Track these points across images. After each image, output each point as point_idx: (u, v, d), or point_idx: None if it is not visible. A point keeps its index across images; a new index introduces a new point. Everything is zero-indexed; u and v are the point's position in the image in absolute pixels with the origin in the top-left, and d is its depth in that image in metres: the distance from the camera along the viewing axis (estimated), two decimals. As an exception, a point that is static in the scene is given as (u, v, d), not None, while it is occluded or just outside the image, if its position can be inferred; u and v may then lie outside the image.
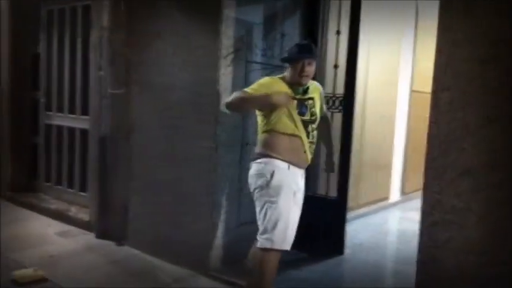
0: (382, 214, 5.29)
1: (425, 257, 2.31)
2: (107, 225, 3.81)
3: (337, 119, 3.73)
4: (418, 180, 6.92)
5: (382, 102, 5.33)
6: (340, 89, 3.70)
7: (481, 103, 2.11)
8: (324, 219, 3.81)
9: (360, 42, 3.59)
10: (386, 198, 5.77)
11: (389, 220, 5.18)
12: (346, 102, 3.67)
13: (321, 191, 3.89)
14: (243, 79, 3.25)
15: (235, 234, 3.33)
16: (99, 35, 3.80)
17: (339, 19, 3.69)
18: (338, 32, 3.71)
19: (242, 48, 3.21)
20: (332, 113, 3.77)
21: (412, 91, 6.02)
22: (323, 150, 3.75)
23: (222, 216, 3.24)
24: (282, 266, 3.39)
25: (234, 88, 3.18)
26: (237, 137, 3.28)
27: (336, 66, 3.74)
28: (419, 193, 6.17)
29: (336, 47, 3.73)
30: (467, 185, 2.16)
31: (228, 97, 2.75)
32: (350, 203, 3.94)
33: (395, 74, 5.61)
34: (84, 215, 4.17)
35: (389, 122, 5.63)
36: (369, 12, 3.95)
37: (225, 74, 3.10)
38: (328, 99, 3.76)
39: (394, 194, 5.96)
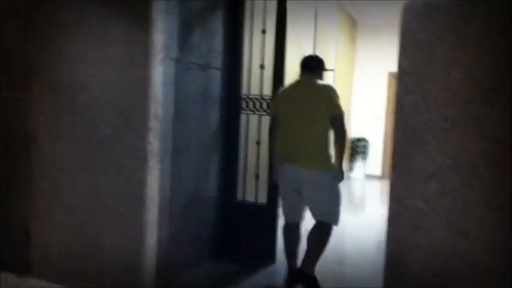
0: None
1: (392, 262, 2.26)
2: (5, 255, 3.17)
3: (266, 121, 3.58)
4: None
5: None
6: (267, 91, 3.56)
7: (445, 105, 2.11)
8: (254, 227, 3.64)
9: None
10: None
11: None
12: (275, 104, 3.53)
13: (250, 197, 3.70)
14: (173, 79, 2.91)
15: (167, 250, 2.99)
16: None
17: (264, 17, 3.54)
18: (264, 31, 3.56)
19: (172, 45, 2.87)
20: (260, 116, 3.61)
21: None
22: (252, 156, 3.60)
23: (153, 234, 2.87)
24: (216, 283, 3.17)
25: (167, 90, 2.84)
26: (169, 145, 2.94)
27: (262, 67, 3.59)
28: None
29: (261, 47, 3.58)
30: (434, 188, 2.15)
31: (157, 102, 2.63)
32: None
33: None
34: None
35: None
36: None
37: (157, 74, 2.74)
38: (255, 102, 3.60)
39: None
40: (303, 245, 3.13)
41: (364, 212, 6.29)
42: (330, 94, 2.92)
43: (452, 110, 2.10)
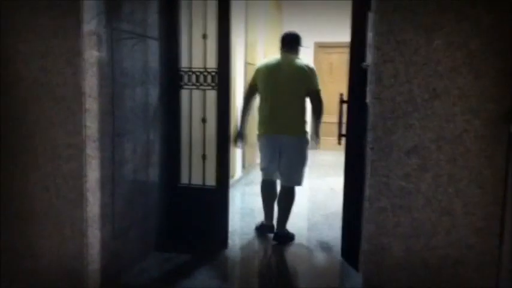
0: (231, 193, 5.07)
1: (372, 246, 2.12)
2: None
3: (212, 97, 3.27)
4: (254, 153, 6.91)
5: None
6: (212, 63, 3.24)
7: (427, 75, 1.96)
8: (202, 212, 3.36)
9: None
10: (232, 175, 5.58)
11: (244, 198, 4.99)
12: (221, 77, 3.22)
13: (197, 180, 3.40)
14: (109, 51, 2.49)
15: (112, 247, 2.63)
16: None
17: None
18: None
19: (105, 11, 2.44)
20: (204, 90, 3.28)
21: (246, 63, 5.93)
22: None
23: (96, 230, 2.50)
24: (169, 276, 2.87)
25: (102, 64, 2.42)
26: (109, 128, 2.54)
27: (204, 36, 3.24)
28: (256, 165, 6.06)
29: (203, 14, 3.22)
30: (415, 164, 2.02)
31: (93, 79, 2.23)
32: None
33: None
34: None
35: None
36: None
37: (90, 44, 2.31)
38: (198, 75, 3.26)
39: (238, 170, 5.82)
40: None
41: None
42: (309, 73, 3.38)
43: (435, 80, 1.96)
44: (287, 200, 3.53)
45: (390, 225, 2.07)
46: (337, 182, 5.72)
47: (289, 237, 3.54)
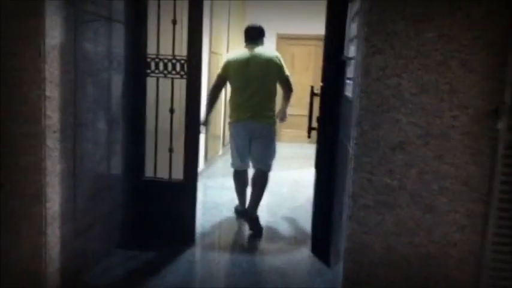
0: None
1: (353, 244, 2.05)
2: None
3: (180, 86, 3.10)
4: (217, 145, 6.78)
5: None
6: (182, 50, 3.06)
7: (416, 68, 1.89)
8: (168, 207, 3.20)
9: None
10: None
11: (208, 191, 4.85)
12: (192, 66, 3.06)
13: (163, 173, 3.23)
14: (72, 33, 2.28)
15: (73, 246, 2.44)
16: None
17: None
18: (175, -21, 3.02)
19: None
20: (172, 79, 3.11)
21: (210, 52, 5.77)
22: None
23: (56, 229, 2.29)
24: (133, 275, 2.71)
25: (65, 47, 2.21)
26: (71, 118, 2.33)
27: (174, 22, 3.06)
28: (218, 157, 6.06)
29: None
30: (401, 160, 1.95)
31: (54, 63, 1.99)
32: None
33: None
34: None
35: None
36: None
37: (52, 25, 2.09)
38: (167, 63, 3.08)
39: (201, 163, 5.67)
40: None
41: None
42: (278, 62, 3.59)
43: (424, 74, 1.89)
44: (261, 183, 3.68)
45: (373, 222, 2.00)
46: (300, 175, 5.71)
47: (259, 227, 3.62)
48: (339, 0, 2.75)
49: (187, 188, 3.17)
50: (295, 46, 8.22)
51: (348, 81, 2.49)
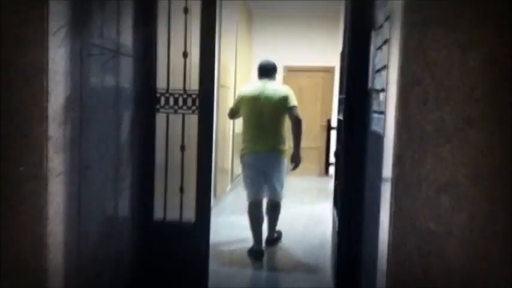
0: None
1: (395, 297, 1.80)
2: None
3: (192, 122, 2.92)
4: (225, 180, 6.58)
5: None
6: (194, 85, 2.89)
7: (461, 100, 1.70)
8: (179, 251, 2.96)
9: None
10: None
11: (218, 230, 4.59)
12: (204, 100, 2.88)
13: (173, 214, 3.00)
14: (78, 67, 2.10)
15: None
16: None
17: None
18: (186, 10, 2.87)
19: (77, 22, 2.06)
20: (183, 114, 2.92)
21: (219, 85, 5.63)
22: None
23: (59, 285, 2.05)
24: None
25: (71, 82, 2.03)
26: (76, 159, 2.12)
27: (185, 55, 2.90)
28: (227, 193, 5.96)
29: (184, 29, 2.89)
30: (447, 203, 1.73)
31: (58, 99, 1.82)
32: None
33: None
34: None
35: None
36: None
37: (56, 59, 1.92)
38: (177, 98, 2.91)
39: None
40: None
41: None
42: (289, 97, 3.82)
43: (470, 106, 1.69)
44: (275, 212, 4.05)
45: (418, 274, 1.77)
46: (314, 210, 5.46)
47: (278, 238, 4.23)
48: (360, 29, 2.59)
49: (199, 229, 2.94)
50: (303, 78, 8.13)
51: (375, 114, 2.30)
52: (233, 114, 4.06)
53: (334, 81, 7.61)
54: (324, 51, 7.88)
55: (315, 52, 8.07)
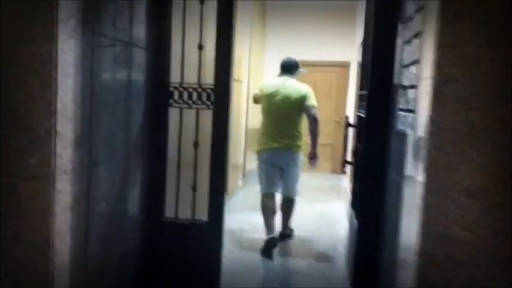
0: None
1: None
2: None
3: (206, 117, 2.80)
4: (237, 176, 6.45)
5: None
6: (209, 78, 2.77)
7: (497, 99, 1.56)
8: (190, 250, 2.85)
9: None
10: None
11: (230, 227, 4.49)
12: (219, 95, 2.76)
13: (186, 213, 2.90)
14: (88, 59, 1.99)
15: None
16: None
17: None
18: (202, 0, 2.75)
19: (88, 11, 1.95)
20: (197, 110, 2.81)
21: (233, 80, 5.51)
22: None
23: (65, 283, 1.96)
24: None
25: (80, 75, 1.92)
26: (85, 156, 2.02)
27: (200, 47, 2.78)
28: (239, 190, 5.81)
29: (199, 21, 2.77)
30: (481, 210, 1.60)
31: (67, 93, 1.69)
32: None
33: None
34: None
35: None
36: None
37: (65, 50, 1.81)
38: (191, 92, 2.79)
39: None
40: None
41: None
42: (308, 96, 3.81)
43: (503, 106, 1.55)
44: (289, 208, 4.06)
45: (448, 285, 1.64)
46: (328, 208, 5.34)
47: (289, 235, 4.18)
48: (385, 21, 2.45)
49: (212, 229, 2.83)
50: (317, 73, 7.94)
51: (401, 112, 2.16)
52: (256, 101, 4.11)
53: (349, 77, 7.45)
54: (339, 45, 7.70)
55: (329, 46, 7.90)
